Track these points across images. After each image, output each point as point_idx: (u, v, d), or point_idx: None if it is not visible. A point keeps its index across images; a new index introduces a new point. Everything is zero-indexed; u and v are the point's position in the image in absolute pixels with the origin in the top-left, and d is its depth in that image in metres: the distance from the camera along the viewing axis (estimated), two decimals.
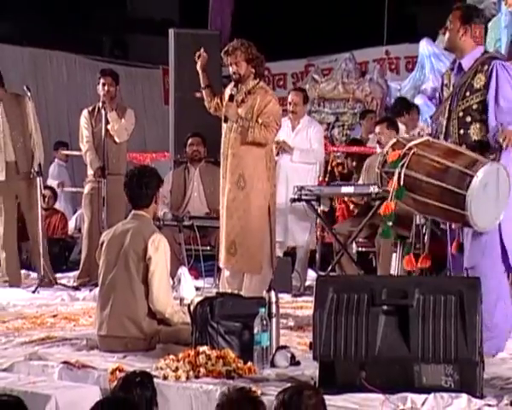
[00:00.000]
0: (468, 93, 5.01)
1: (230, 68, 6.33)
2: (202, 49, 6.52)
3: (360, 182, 8.01)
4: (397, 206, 4.91)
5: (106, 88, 8.09)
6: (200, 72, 6.53)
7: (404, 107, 9.66)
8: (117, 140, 8.10)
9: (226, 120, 6.35)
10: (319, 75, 13.11)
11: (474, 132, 4.99)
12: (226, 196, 6.32)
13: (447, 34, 5.17)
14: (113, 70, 8.58)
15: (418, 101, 11.41)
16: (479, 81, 4.99)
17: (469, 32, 5.11)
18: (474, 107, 4.98)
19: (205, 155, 8.42)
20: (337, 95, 12.70)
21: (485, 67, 4.99)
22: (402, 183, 4.80)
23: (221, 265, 6.50)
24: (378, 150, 7.99)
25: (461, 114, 5.02)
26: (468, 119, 4.99)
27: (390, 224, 4.98)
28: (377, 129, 7.99)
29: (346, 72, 12.81)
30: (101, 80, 8.12)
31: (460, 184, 4.67)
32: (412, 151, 4.82)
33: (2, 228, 8.05)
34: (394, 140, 5.10)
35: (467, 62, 5.07)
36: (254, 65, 6.29)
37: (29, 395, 4.21)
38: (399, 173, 4.79)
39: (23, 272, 8.45)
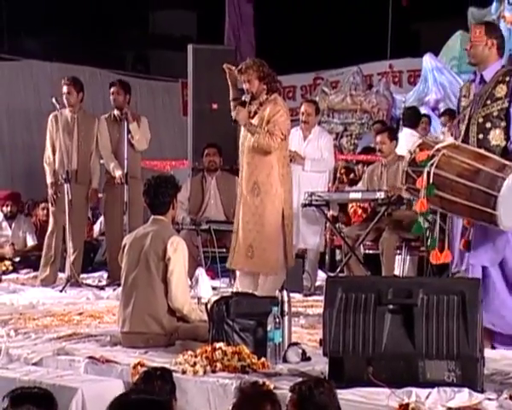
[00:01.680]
0: (488, 101, 5.07)
1: (244, 85, 6.35)
2: (225, 65, 6.51)
3: (362, 188, 7.99)
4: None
5: (112, 97, 8.16)
6: (230, 84, 6.54)
7: (417, 116, 9.65)
8: (138, 148, 8.13)
9: (236, 123, 6.40)
10: (328, 88, 13.11)
11: (494, 138, 5.05)
12: (242, 203, 6.34)
13: (473, 49, 5.17)
14: (122, 80, 8.65)
15: (422, 112, 11.38)
16: (500, 91, 5.05)
17: (495, 46, 5.13)
18: (495, 114, 5.04)
19: (221, 164, 8.37)
20: (345, 106, 12.71)
21: (507, 78, 5.06)
22: (431, 181, 4.82)
23: (234, 267, 6.46)
24: (381, 158, 7.96)
25: (481, 120, 5.07)
26: (488, 125, 5.05)
27: (422, 219, 5.01)
28: (378, 138, 7.94)
29: (354, 85, 12.82)
30: (111, 89, 8.22)
31: (492, 185, 4.72)
32: (441, 153, 4.85)
33: (53, 229, 8.10)
34: (420, 141, 5.14)
35: (489, 74, 5.13)
36: (266, 82, 6.31)
37: (57, 387, 4.21)
38: (428, 172, 4.81)
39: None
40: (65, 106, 8.17)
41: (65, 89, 8.19)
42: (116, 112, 8.19)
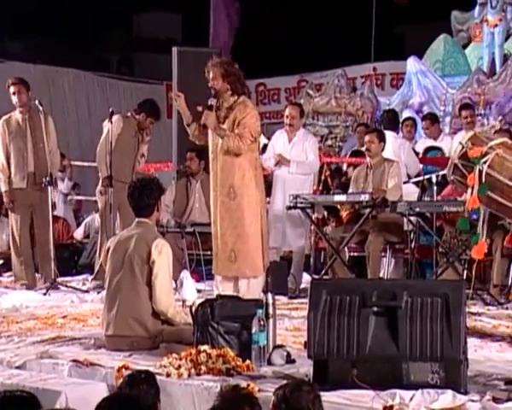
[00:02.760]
0: None
1: (210, 83, 6.34)
2: (174, 93, 6.48)
3: (350, 191, 8.00)
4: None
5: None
6: (181, 111, 6.51)
7: (397, 119, 9.64)
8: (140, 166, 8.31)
9: (205, 128, 6.38)
10: (313, 90, 13.14)
11: None
12: (219, 208, 6.33)
13: None
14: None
15: (406, 115, 11.42)
16: None
17: None
18: None
19: (200, 167, 8.39)
20: (330, 109, 12.74)
21: None
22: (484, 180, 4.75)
23: (219, 273, 6.42)
24: (367, 159, 7.98)
25: None
26: None
27: (467, 216, 4.97)
28: (367, 137, 7.95)
29: (339, 87, 12.85)
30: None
31: None
32: (495, 152, 4.79)
33: (19, 235, 8.06)
34: (472, 133, 5.07)
35: None
36: (229, 81, 6.28)
37: (40, 391, 4.18)
38: (480, 171, 4.74)
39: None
40: (15, 107, 8.07)
41: (14, 89, 8.04)
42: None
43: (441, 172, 8.03)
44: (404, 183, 8.25)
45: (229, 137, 6.23)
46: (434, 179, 7.78)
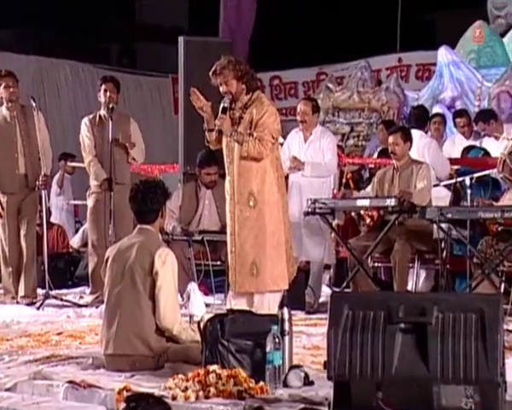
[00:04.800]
0: None
1: (221, 88, 6.26)
2: (193, 90, 6.32)
3: (371, 194, 7.99)
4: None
5: (108, 94, 8.08)
6: (206, 117, 6.36)
7: (425, 116, 9.60)
8: (138, 163, 8.24)
9: (221, 134, 6.30)
10: (333, 84, 13.10)
11: None
12: (237, 217, 6.23)
13: None
14: (114, 77, 8.55)
15: (436, 110, 11.40)
16: None
17: None
18: None
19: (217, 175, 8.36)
20: (352, 104, 12.71)
21: None
22: None
23: (239, 290, 6.27)
24: (394, 162, 7.96)
25: None
26: None
27: None
28: (391, 139, 7.91)
29: (362, 80, 12.81)
30: (103, 87, 8.11)
31: None
32: None
33: (7, 243, 8.09)
34: None
35: None
36: (245, 81, 6.23)
37: None
38: None
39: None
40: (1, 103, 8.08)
41: (2, 82, 8.01)
42: (102, 112, 8.11)
43: (476, 175, 8.02)
44: (435, 186, 8.23)
45: (248, 143, 6.15)
46: (468, 182, 7.75)
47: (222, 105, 6.28)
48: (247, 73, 6.26)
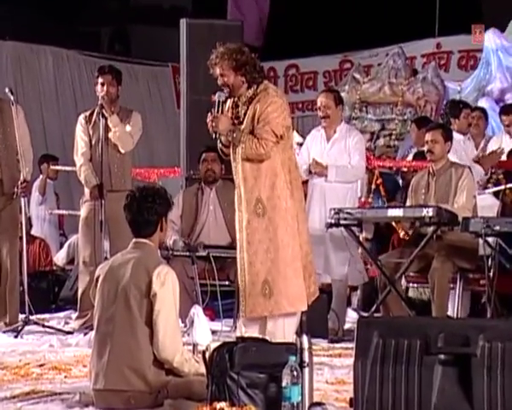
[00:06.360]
0: None
1: (218, 81, 6.28)
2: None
3: (407, 204, 8.00)
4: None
5: (105, 88, 8.10)
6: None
7: (458, 108, 9.59)
8: (121, 150, 8.06)
9: (217, 135, 6.32)
10: (361, 74, 13.09)
11: None
12: (245, 229, 6.21)
13: None
14: (113, 67, 8.54)
15: (482, 104, 11.40)
16: None
17: None
18: None
19: (222, 173, 8.37)
20: (383, 98, 12.73)
21: None
22: None
23: (251, 315, 6.23)
24: (430, 165, 7.97)
25: None
26: None
27: None
28: (429, 136, 7.92)
29: (395, 70, 12.80)
30: (100, 79, 8.12)
31: None
32: None
33: None
34: None
35: None
36: (243, 73, 6.23)
37: None
38: None
39: None
40: None
41: None
42: (98, 108, 8.11)
43: None
44: (479, 194, 8.24)
45: (245, 144, 6.16)
46: None
47: (216, 100, 6.29)
48: (247, 63, 6.25)
